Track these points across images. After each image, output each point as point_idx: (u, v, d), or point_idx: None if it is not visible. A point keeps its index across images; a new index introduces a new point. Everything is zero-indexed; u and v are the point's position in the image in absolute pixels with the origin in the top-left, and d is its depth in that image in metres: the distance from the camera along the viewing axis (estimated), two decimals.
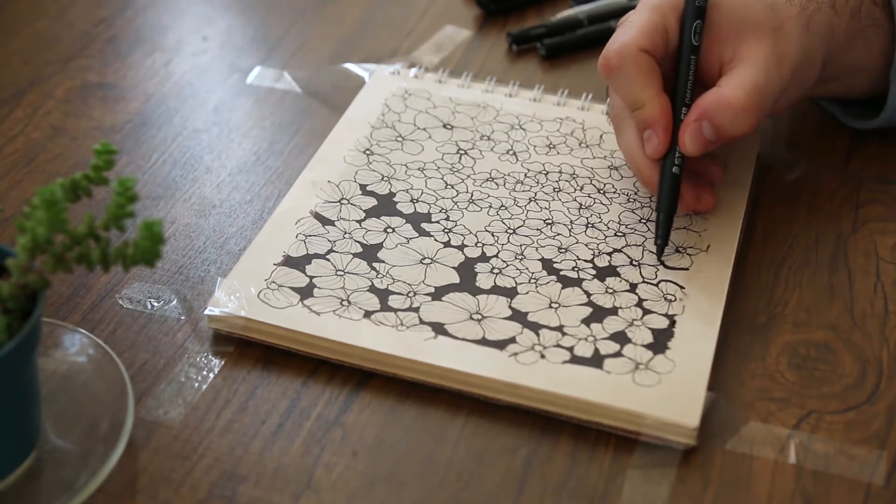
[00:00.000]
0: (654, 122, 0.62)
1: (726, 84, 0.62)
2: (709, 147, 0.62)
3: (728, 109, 0.61)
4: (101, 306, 0.62)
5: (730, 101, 0.61)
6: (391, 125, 0.73)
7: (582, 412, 0.56)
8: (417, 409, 0.57)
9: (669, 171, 0.63)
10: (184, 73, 0.80)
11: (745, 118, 0.61)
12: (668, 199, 0.63)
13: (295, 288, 0.61)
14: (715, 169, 0.66)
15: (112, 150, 0.51)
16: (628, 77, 0.62)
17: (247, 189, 0.70)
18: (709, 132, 0.61)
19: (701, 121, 0.61)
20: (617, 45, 0.62)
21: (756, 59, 0.62)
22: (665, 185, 0.63)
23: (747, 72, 0.62)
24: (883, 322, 0.61)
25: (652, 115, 0.62)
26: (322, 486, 0.54)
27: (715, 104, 0.61)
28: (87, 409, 0.56)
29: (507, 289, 0.61)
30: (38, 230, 0.48)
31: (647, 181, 0.64)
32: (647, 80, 0.62)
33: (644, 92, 0.62)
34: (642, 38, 0.62)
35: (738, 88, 0.61)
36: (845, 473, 0.54)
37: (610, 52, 0.63)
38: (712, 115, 0.61)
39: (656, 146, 0.62)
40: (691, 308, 0.60)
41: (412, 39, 0.83)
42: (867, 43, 0.66)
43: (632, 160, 0.65)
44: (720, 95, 0.61)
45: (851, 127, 0.72)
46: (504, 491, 0.53)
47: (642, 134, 0.63)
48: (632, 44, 0.62)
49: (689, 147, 0.62)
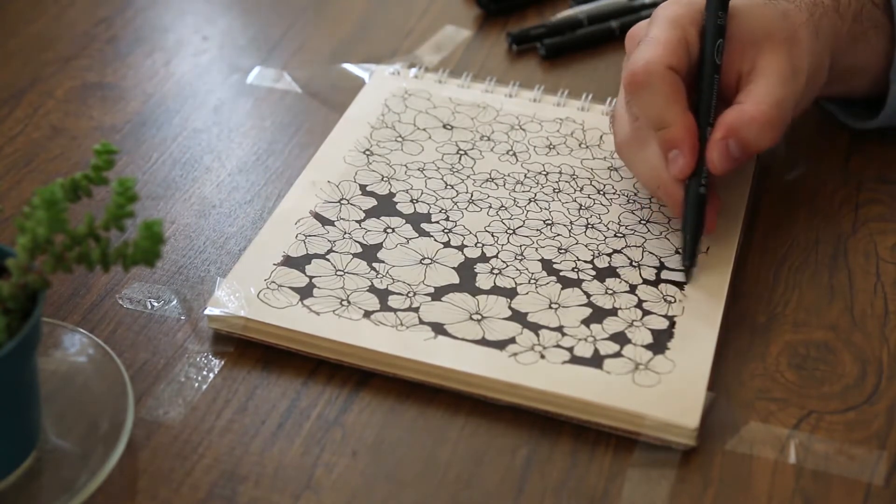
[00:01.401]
0: (681, 142, 0.61)
1: (747, 99, 0.61)
2: (735, 164, 0.61)
3: (753, 125, 0.60)
4: (101, 306, 0.62)
5: (754, 116, 0.60)
6: (391, 125, 0.73)
7: (582, 412, 0.56)
8: (417, 409, 0.57)
9: (695, 192, 0.62)
10: (184, 73, 0.80)
11: (771, 132, 0.61)
12: (695, 220, 0.62)
13: (295, 288, 0.61)
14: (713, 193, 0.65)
15: (112, 150, 0.51)
16: (656, 94, 0.61)
17: (247, 189, 0.70)
18: (735, 149, 0.61)
19: (727, 138, 0.61)
20: (644, 62, 0.61)
21: (774, 71, 0.61)
22: (691, 206, 0.62)
23: (767, 86, 0.61)
24: (883, 322, 0.61)
25: (679, 134, 0.61)
26: (322, 486, 0.54)
27: (739, 121, 0.61)
28: (87, 409, 0.56)
29: (507, 289, 0.61)
30: (38, 230, 0.48)
31: (672, 200, 0.63)
32: (674, 98, 0.61)
33: (671, 110, 0.61)
34: (669, 54, 0.61)
35: (761, 104, 0.61)
36: (845, 473, 0.54)
37: (637, 68, 0.61)
38: (738, 131, 0.61)
39: (682, 166, 0.61)
40: (691, 309, 0.60)
41: (412, 39, 0.83)
42: (868, 45, 0.67)
43: (654, 179, 0.63)
44: (743, 112, 0.61)
45: (851, 127, 0.73)
46: (504, 491, 0.53)
47: (667, 153, 0.62)
48: (659, 61, 0.61)
49: (717, 165, 0.61)
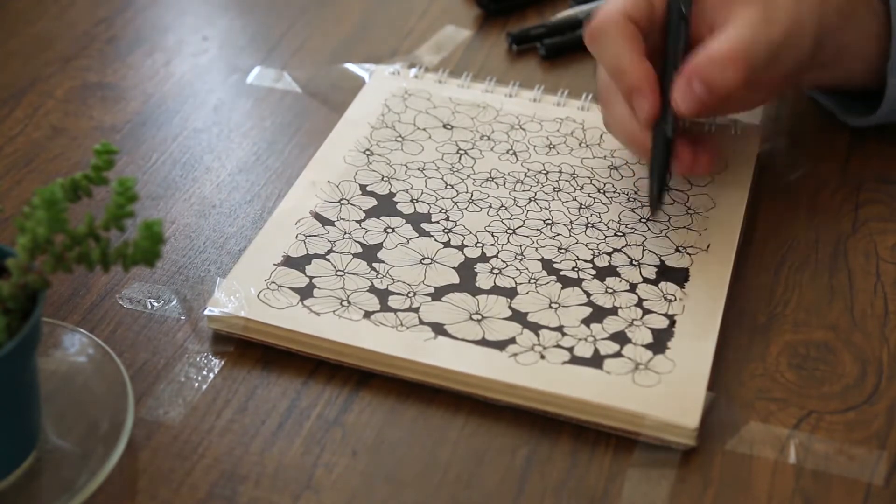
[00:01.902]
0: (639, 86, 0.62)
1: (712, 41, 0.62)
2: (702, 106, 0.62)
3: (714, 62, 0.61)
4: (101, 306, 0.62)
5: (715, 53, 0.61)
6: (391, 125, 0.73)
7: (582, 412, 0.56)
8: (417, 409, 0.57)
9: (662, 133, 0.63)
10: (184, 73, 0.80)
11: (732, 69, 0.61)
12: (661, 162, 0.63)
13: (295, 288, 0.61)
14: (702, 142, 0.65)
15: (112, 150, 0.51)
16: (611, 43, 0.63)
17: (247, 189, 0.70)
18: (699, 88, 0.61)
19: (691, 78, 0.61)
20: (601, 14, 0.64)
21: (743, 18, 0.62)
22: (657, 149, 0.63)
23: (734, 29, 0.62)
24: (883, 322, 0.61)
25: (635, 79, 0.62)
26: (322, 486, 0.54)
27: (702, 60, 0.61)
28: (87, 409, 0.56)
29: (507, 289, 0.61)
30: (38, 230, 0.48)
31: (640, 148, 0.64)
32: (629, 45, 0.63)
33: (626, 57, 0.63)
34: (627, 5, 0.63)
35: (722, 42, 0.61)
36: (845, 473, 0.54)
37: (594, 21, 0.64)
38: (700, 70, 0.61)
39: (647, 109, 0.62)
40: (691, 308, 0.60)
41: (412, 39, 0.83)
42: (860, 23, 0.67)
43: (623, 130, 0.65)
44: (707, 51, 0.62)
45: (851, 126, 0.72)
46: (504, 491, 0.53)
47: (629, 101, 0.63)
48: (615, 11, 0.63)
49: (681, 106, 0.62)
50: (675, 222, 0.65)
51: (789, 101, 0.76)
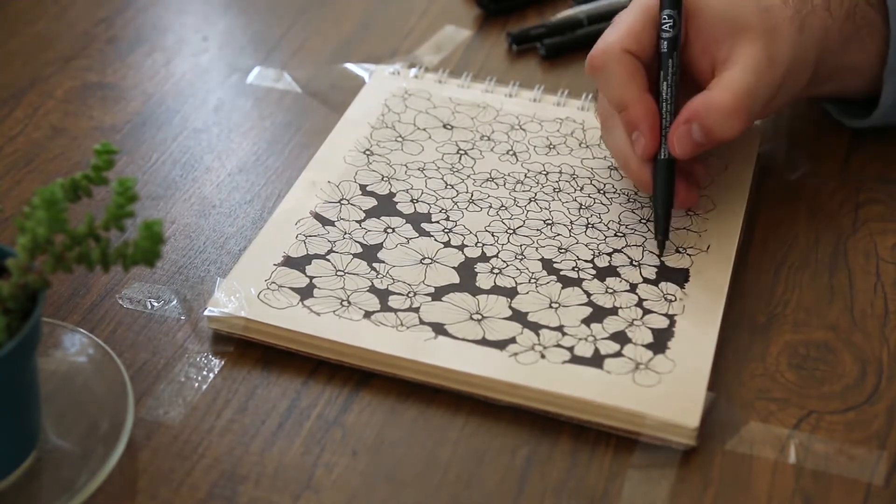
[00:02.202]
0: (639, 123, 0.62)
1: (716, 86, 0.62)
2: (698, 149, 0.62)
3: (717, 112, 0.61)
4: (101, 306, 0.62)
5: (718, 103, 0.61)
6: (391, 125, 0.73)
7: (582, 412, 0.56)
8: (417, 409, 0.57)
9: (664, 168, 0.63)
10: (184, 73, 0.80)
11: (734, 121, 0.61)
12: (665, 195, 0.63)
13: (295, 288, 0.61)
14: (699, 168, 0.66)
15: (112, 150, 0.51)
16: (612, 77, 0.63)
17: (247, 189, 0.70)
18: (698, 134, 0.61)
19: (690, 123, 0.61)
20: (602, 45, 0.63)
21: (747, 61, 0.62)
22: (659, 180, 0.63)
23: (738, 74, 0.61)
24: (883, 322, 0.61)
25: (636, 115, 0.62)
26: (322, 486, 0.54)
27: (704, 107, 0.61)
28: (87, 409, 0.56)
29: (507, 289, 0.61)
30: (38, 230, 0.48)
31: (638, 180, 0.64)
32: (630, 80, 0.62)
33: (628, 92, 0.62)
34: (628, 38, 0.63)
35: (727, 91, 0.61)
36: (845, 473, 0.54)
37: (595, 52, 0.63)
38: (701, 117, 0.61)
39: (643, 146, 0.63)
40: (691, 308, 0.60)
41: (412, 39, 0.83)
42: (862, 44, 0.66)
43: (622, 159, 0.65)
44: (709, 98, 0.61)
45: (847, 126, 0.72)
46: (504, 491, 0.53)
47: (629, 134, 0.63)
48: (616, 44, 0.63)
49: (678, 149, 0.62)
50: (674, 223, 0.65)
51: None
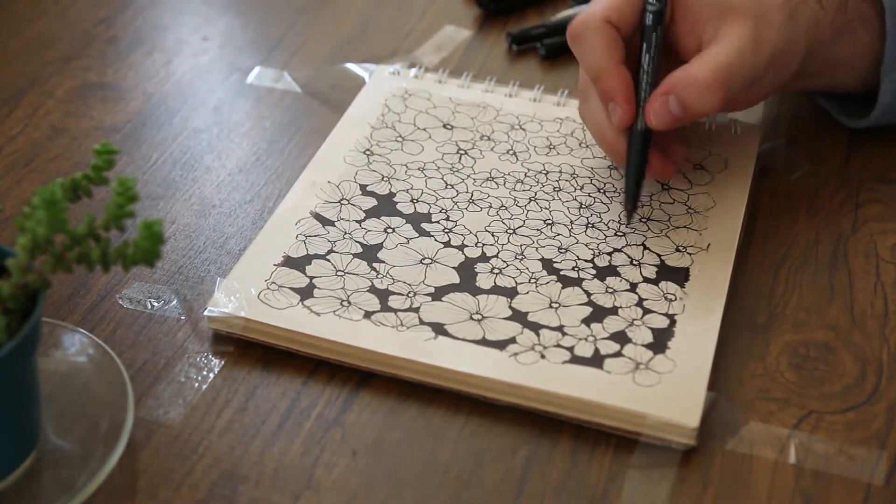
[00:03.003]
0: (614, 93, 0.63)
1: (696, 61, 0.62)
2: (676, 122, 0.62)
3: (694, 85, 0.61)
4: (101, 306, 0.62)
5: (696, 76, 0.61)
6: (391, 125, 0.73)
7: (582, 412, 0.56)
8: (417, 409, 0.57)
9: (638, 139, 0.63)
10: (184, 73, 0.80)
11: (710, 95, 0.61)
12: (637, 165, 0.63)
13: (295, 288, 0.61)
14: (678, 147, 0.67)
15: (112, 150, 0.51)
16: (590, 47, 0.63)
17: (247, 189, 0.70)
18: (675, 107, 0.62)
19: (668, 95, 0.62)
20: (584, 15, 0.64)
21: (732, 40, 0.62)
22: (633, 152, 0.64)
23: (719, 51, 0.62)
24: (883, 322, 0.61)
25: (611, 85, 0.63)
26: (322, 486, 0.54)
27: (682, 80, 0.62)
28: (87, 409, 0.56)
29: (508, 289, 0.61)
30: (38, 230, 0.48)
31: (613, 150, 0.65)
32: (607, 50, 0.63)
33: (604, 62, 0.63)
34: (610, 9, 0.63)
35: (706, 66, 0.61)
36: (845, 473, 0.54)
37: (576, 21, 0.64)
38: (679, 89, 0.62)
39: (620, 116, 0.63)
40: (691, 307, 0.60)
41: (412, 39, 0.83)
42: (854, 37, 0.67)
43: (597, 130, 0.66)
44: (688, 71, 0.62)
45: (846, 127, 0.73)
46: (504, 491, 0.53)
47: (605, 105, 0.64)
48: (598, 14, 0.63)
49: (654, 121, 0.62)
50: (675, 222, 0.66)
51: (789, 101, 0.76)
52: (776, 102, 0.76)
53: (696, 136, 0.72)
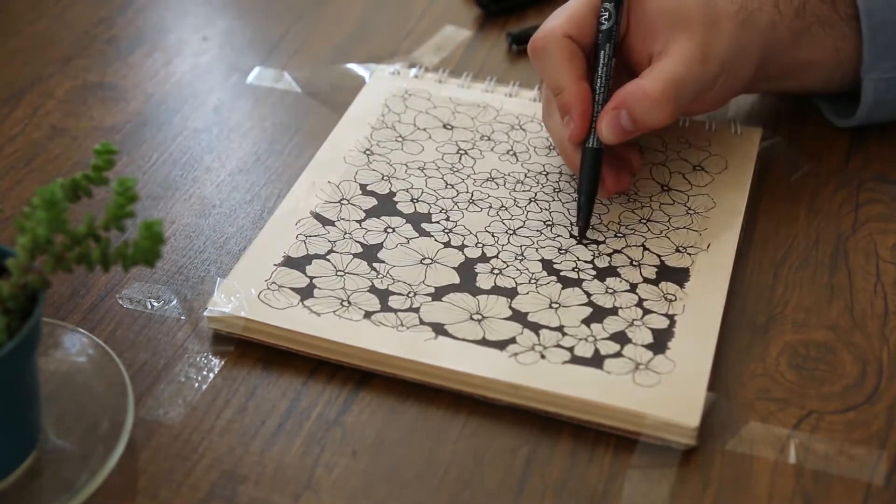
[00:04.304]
0: (571, 107, 0.64)
1: (646, 75, 0.63)
2: (626, 136, 0.63)
3: (643, 99, 0.62)
4: (101, 306, 0.62)
5: (646, 91, 0.62)
6: (391, 125, 0.73)
7: (582, 412, 0.56)
8: (417, 409, 0.57)
9: (589, 157, 0.64)
10: (184, 73, 0.80)
11: (659, 109, 0.62)
12: (589, 183, 0.64)
13: (295, 288, 0.61)
14: (633, 155, 0.67)
15: (112, 150, 0.51)
16: (550, 61, 0.64)
17: (247, 189, 0.70)
18: (626, 121, 0.62)
19: (619, 109, 0.62)
20: (544, 29, 0.64)
21: (679, 52, 0.63)
22: (585, 169, 0.64)
23: (668, 64, 0.62)
24: (883, 322, 0.61)
25: (569, 99, 0.63)
26: (322, 486, 0.54)
27: (631, 94, 0.62)
28: (87, 409, 0.56)
29: (508, 289, 0.61)
30: (38, 230, 0.48)
31: (571, 163, 0.66)
32: (567, 65, 0.64)
33: (563, 77, 0.64)
34: (569, 23, 0.64)
35: (655, 80, 0.62)
36: (845, 473, 0.54)
37: (537, 35, 0.65)
38: (629, 103, 0.62)
39: (572, 131, 0.64)
40: (691, 307, 0.60)
41: (412, 39, 0.83)
42: (813, 40, 0.67)
43: (558, 142, 0.67)
44: (638, 86, 0.62)
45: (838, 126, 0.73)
46: (504, 491, 0.53)
47: (563, 118, 0.65)
48: (558, 28, 0.64)
49: (605, 134, 0.63)
50: (675, 222, 0.66)
51: (789, 101, 0.76)
52: (776, 102, 0.76)
53: (695, 137, 0.72)
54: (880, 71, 0.68)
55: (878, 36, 0.67)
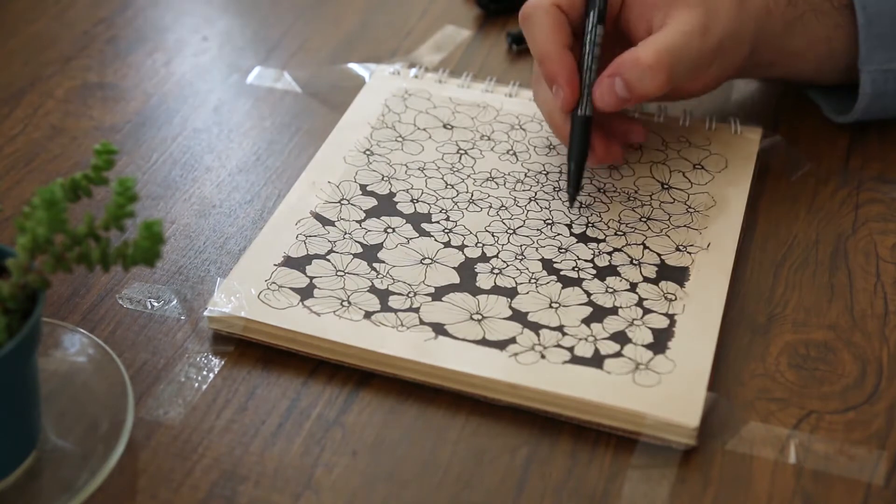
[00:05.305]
0: (556, 76, 0.64)
1: (642, 44, 0.63)
2: (621, 104, 0.63)
3: (637, 67, 0.62)
4: (101, 306, 0.62)
5: (640, 58, 0.62)
6: (391, 125, 0.73)
7: (582, 412, 0.56)
8: (417, 409, 0.57)
9: (579, 123, 0.64)
10: (184, 73, 0.80)
11: (653, 76, 0.62)
12: (579, 150, 0.65)
13: (295, 288, 0.61)
14: (636, 127, 0.68)
15: (112, 150, 0.51)
16: (537, 29, 0.65)
17: (247, 189, 0.70)
18: (620, 88, 0.63)
19: (614, 76, 0.63)
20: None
21: (678, 24, 0.63)
22: (575, 137, 0.65)
23: (665, 34, 0.63)
24: (883, 322, 0.61)
25: (554, 68, 0.64)
26: (322, 486, 0.54)
27: (627, 62, 0.63)
28: (87, 409, 0.56)
29: (508, 289, 0.61)
30: (38, 230, 0.48)
31: (560, 133, 0.66)
32: (553, 33, 0.64)
33: (549, 45, 0.64)
34: None
35: (649, 47, 0.62)
36: (845, 473, 0.54)
37: (526, 4, 0.66)
38: (624, 71, 0.62)
39: (563, 98, 0.64)
40: (691, 307, 0.60)
41: (412, 39, 0.83)
42: (806, 29, 0.68)
43: (547, 113, 0.67)
44: (633, 53, 0.63)
45: (844, 123, 0.73)
46: (504, 491, 0.53)
47: (550, 87, 0.65)
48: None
49: (599, 101, 0.64)
50: (675, 221, 0.66)
51: (789, 99, 0.76)
52: (776, 101, 0.76)
53: (696, 136, 0.72)
54: (877, 62, 0.68)
55: (873, 26, 0.67)
